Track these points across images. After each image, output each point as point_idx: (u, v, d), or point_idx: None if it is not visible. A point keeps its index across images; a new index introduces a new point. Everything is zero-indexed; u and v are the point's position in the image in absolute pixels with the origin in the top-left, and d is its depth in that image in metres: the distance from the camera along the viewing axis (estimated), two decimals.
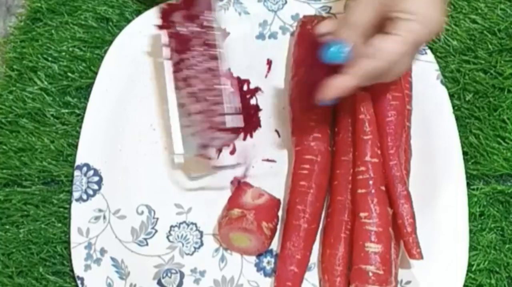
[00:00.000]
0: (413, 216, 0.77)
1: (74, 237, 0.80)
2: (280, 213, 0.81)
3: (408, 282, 0.79)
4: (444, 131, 0.85)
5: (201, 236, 0.81)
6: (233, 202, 0.79)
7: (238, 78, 0.85)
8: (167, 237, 0.81)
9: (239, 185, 0.81)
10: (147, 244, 0.81)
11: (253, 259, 0.81)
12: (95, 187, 0.82)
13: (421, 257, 0.76)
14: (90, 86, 0.87)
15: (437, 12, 0.69)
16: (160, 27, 0.83)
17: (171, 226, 0.82)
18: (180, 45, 0.82)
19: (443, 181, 0.82)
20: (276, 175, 0.84)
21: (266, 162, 0.84)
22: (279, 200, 0.80)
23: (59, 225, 0.83)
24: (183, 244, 0.81)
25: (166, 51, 0.82)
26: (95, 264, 0.79)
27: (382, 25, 0.71)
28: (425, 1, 0.69)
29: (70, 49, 0.90)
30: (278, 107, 0.86)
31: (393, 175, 0.78)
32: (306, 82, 0.75)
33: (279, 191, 0.83)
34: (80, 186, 0.82)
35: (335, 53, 0.71)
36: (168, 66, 0.82)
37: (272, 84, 0.87)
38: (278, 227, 0.81)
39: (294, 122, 0.82)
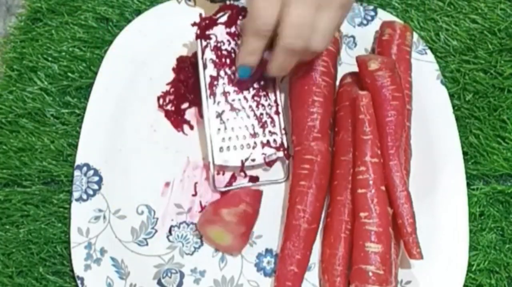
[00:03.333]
0: (413, 216, 0.77)
1: (74, 237, 0.80)
2: (280, 213, 0.81)
3: (408, 282, 0.79)
4: (444, 131, 0.85)
5: (201, 236, 0.81)
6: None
7: None
8: (167, 237, 0.81)
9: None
10: (147, 244, 0.81)
11: (253, 259, 0.81)
12: (95, 187, 0.82)
13: (421, 257, 0.76)
14: (90, 86, 0.87)
15: None
16: (198, 37, 0.84)
17: (171, 226, 0.82)
18: (219, 59, 0.83)
19: (443, 181, 0.83)
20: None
21: None
22: (249, 188, 0.82)
23: (59, 225, 0.83)
24: (183, 244, 0.81)
25: (201, 62, 0.83)
26: (95, 264, 0.79)
27: None
28: None
29: (70, 49, 0.90)
30: None
31: (393, 175, 0.78)
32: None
33: (279, 191, 0.83)
34: (80, 186, 0.82)
35: (242, 73, 0.80)
36: (203, 76, 0.83)
37: None
38: (278, 227, 0.81)
39: (294, 122, 0.82)
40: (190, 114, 0.87)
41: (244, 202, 0.79)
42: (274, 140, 0.83)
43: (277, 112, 0.83)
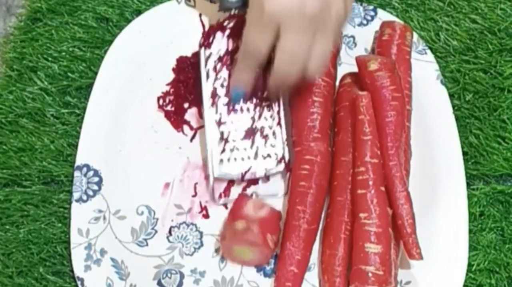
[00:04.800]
0: (412, 217, 0.77)
1: (74, 238, 0.80)
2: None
3: (408, 283, 0.79)
4: (444, 131, 0.85)
5: (201, 236, 0.81)
6: (235, 213, 0.78)
7: None
8: (167, 237, 0.81)
9: (239, 196, 0.81)
10: (147, 245, 0.81)
11: None
12: (95, 187, 0.82)
13: (421, 258, 0.76)
14: (90, 86, 0.87)
15: None
16: (201, 45, 0.84)
17: (171, 227, 0.82)
18: (222, 70, 0.83)
19: (443, 181, 0.82)
20: None
21: None
22: (279, 212, 0.80)
23: (59, 225, 0.83)
24: (183, 245, 0.81)
25: (204, 72, 0.83)
26: (95, 264, 0.79)
27: None
28: None
29: (70, 49, 0.90)
30: None
31: (393, 175, 0.78)
32: None
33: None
34: (80, 187, 0.82)
35: (235, 97, 0.81)
36: (206, 86, 0.83)
37: None
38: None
39: (294, 122, 0.82)
40: (190, 114, 0.87)
41: (279, 226, 0.79)
42: (275, 153, 0.82)
43: (279, 124, 0.82)
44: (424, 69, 0.87)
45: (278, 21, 0.72)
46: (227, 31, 0.83)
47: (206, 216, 0.82)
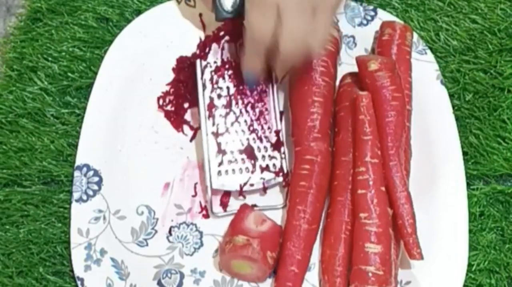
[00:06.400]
0: (413, 217, 0.77)
1: (74, 238, 0.80)
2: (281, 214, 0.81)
3: (408, 282, 0.79)
4: (444, 131, 0.85)
5: (201, 236, 0.81)
6: (236, 226, 0.78)
7: None
8: (167, 237, 0.81)
9: (240, 208, 0.80)
10: (147, 245, 0.81)
11: None
12: (95, 187, 0.82)
13: (421, 258, 0.76)
14: (90, 86, 0.87)
15: None
16: (197, 56, 0.84)
17: (171, 227, 0.82)
18: (219, 80, 0.83)
19: (443, 181, 0.82)
20: None
21: None
22: (280, 227, 0.79)
23: (59, 225, 0.83)
24: (183, 245, 0.81)
25: (200, 83, 0.83)
26: (95, 264, 0.79)
27: None
28: None
29: (70, 49, 0.90)
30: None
31: (393, 176, 0.78)
32: None
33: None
34: (80, 187, 0.82)
35: (249, 82, 0.82)
36: (203, 97, 0.83)
37: None
38: None
39: (294, 122, 0.82)
40: (190, 114, 0.87)
41: (279, 242, 0.79)
42: (274, 165, 0.82)
43: (278, 136, 0.82)
44: (424, 69, 0.87)
45: (277, 3, 0.73)
46: (223, 42, 0.84)
47: (206, 216, 0.82)
